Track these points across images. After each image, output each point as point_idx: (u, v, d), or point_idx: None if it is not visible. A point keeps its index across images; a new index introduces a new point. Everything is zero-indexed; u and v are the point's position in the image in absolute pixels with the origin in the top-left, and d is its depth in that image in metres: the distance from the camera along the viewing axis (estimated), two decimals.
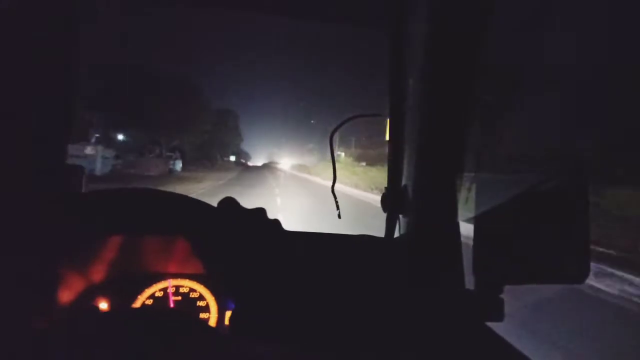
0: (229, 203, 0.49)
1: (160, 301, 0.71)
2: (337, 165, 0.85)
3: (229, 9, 0.91)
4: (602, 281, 4.32)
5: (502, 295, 0.60)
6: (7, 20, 0.38)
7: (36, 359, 0.30)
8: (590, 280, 4.14)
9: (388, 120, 0.76)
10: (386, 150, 0.81)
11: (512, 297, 0.64)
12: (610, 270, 4.78)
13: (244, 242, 0.50)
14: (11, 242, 0.32)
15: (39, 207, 0.52)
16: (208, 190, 12.18)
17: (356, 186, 16.74)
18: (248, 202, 0.50)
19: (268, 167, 57.35)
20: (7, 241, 0.33)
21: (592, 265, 0.63)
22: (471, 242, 0.59)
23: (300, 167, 44.16)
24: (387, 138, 0.78)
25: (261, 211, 0.50)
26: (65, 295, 0.63)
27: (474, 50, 0.67)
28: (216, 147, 36.60)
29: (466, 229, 0.65)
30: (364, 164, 23.30)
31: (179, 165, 22.40)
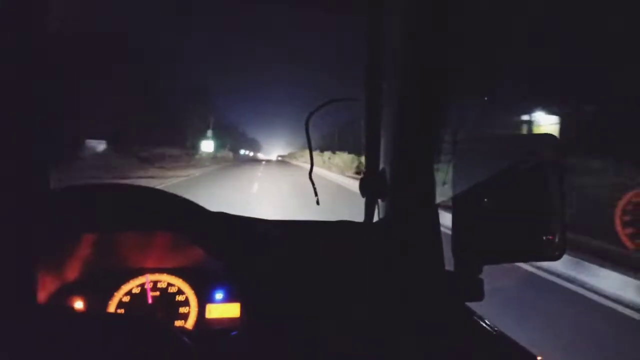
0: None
1: (137, 297, 0.69)
2: None
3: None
4: None
5: (481, 276, 0.61)
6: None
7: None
8: None
9: (365, 105, 0.75)
10: None
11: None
12: None
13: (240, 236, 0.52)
14: None
15: (10, 206, 0.50)
16: None
17: None
18: None
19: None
20: None
21: None
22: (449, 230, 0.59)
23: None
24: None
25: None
26: (39, 296, 0.61)
27: (452, 34, 0.67)
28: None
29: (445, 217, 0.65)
30: None
31: None
